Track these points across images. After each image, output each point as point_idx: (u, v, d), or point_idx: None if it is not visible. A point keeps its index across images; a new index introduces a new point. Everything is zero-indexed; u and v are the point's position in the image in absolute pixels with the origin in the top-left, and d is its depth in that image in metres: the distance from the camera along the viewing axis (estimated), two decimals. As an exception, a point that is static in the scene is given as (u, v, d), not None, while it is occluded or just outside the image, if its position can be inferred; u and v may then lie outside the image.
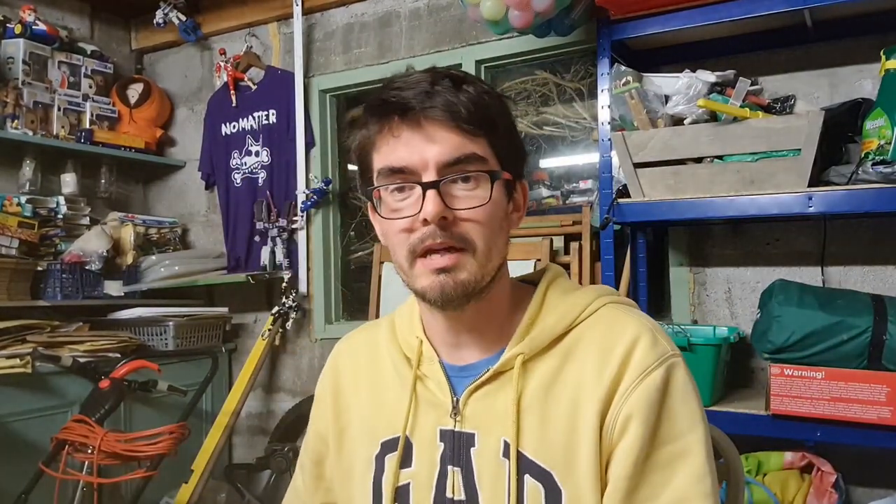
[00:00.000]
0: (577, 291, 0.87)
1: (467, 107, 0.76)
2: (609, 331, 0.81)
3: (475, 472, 0.81)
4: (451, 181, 0.77)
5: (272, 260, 2.88)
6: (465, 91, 0.77)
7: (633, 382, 0.77)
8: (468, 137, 0.77)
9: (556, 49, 2.40)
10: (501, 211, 0.81)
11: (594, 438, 0.76)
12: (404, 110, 0.77)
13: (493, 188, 0.78)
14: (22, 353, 2.30)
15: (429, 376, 0.86)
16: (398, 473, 0.84)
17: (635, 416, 0.76)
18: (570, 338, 0.82)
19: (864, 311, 1.63)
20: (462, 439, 0.82)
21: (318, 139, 2.89)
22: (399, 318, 0.94)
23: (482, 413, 0.82)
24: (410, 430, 0.85)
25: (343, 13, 2.86)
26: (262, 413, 3.01)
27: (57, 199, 2.79)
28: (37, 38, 2.77)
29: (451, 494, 0.82)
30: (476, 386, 0.82)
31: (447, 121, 0.76)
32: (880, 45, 1.69)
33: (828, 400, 1.62)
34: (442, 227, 0.76)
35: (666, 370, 0.78)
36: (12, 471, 2.19)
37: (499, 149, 0.80)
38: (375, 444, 0.88)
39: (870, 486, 1.88)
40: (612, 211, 1.86)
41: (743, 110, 1.69)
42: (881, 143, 1.59)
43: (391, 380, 0.90)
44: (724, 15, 1.77)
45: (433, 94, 0.76)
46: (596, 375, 0.78)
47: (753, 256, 2.10)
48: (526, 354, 0.81)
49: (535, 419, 0.79)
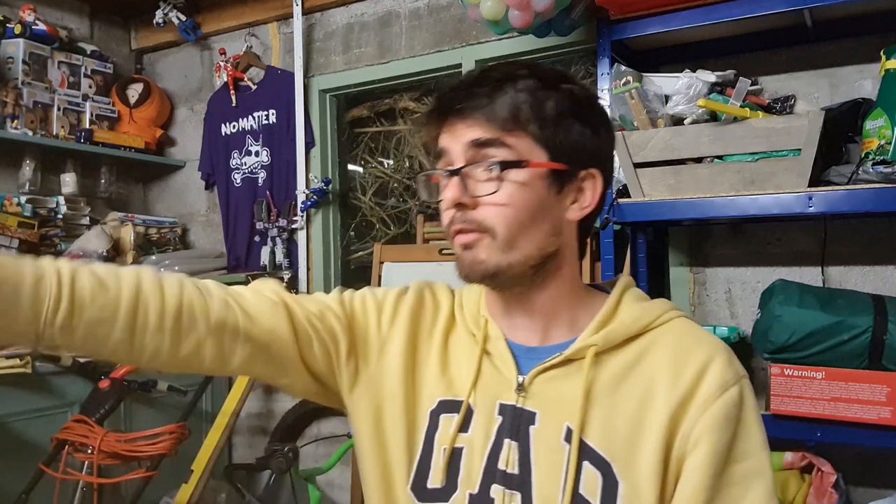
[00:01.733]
0: (651, 301, 0.90)
1: (499, 107, 0.81)
2: (685, 341, 0.84)
3: (532, 449, 0.82)
4: (474, 168, 0.82)
5: (272, 260, 2.88)
6: (504, 91, 0.81)
7: (712, 396, 0.79)
8: (496, 132, 0.81)
9: (556, 49, 2.40)
10: (536, 201, 0.82)
11: (661, 439, 0.79)
12: (445, 112, 0.84)
13: (512, 175, 0.81)
14: (22, 353, 2.30)
15: (494, 353, 0.88)
16: (456, 435, 0.86)
17: (713, 430, 0.78)
18: (643, 340, 0.85)
19: (865, 311, 1.63)
20: (523, 416, 0.84)
21: (318, 139, 2.89)
22: (466, 295, 0.96)
23: (548, 395, 0.84)
24: (474, 397, 0.87)
25: (343, 13, 2.86)
26: (262, 413, 3.01)
27: (57, 199, 2.79)
28: (37, 38, 2.77)
29: (504, 466, 0.83)
30: (545, 367, 0.85)
31: (475, 120, 0.81)
32: (880, 45, 1.69)
33: (828, 400, 1.62)
34: (460, 212, 0.82)
35: (741, 389, 0.81)
36: (12, 471, 2.19)
37: (544, 141, 0.82)
38: (433, 400, 0.89)
39: (870, 486, 1.88)
40: (612, 211, 1.86)
41: (743, 110, 1.69)
42: (881, 143, 1.59)
43: (460, 347, 0.92)
44: (724, 15, 1.77)
45: (469, 95, 0.82)
46: (670, 381, 0.81)
47: (754, 256, 2.10)
48: (599, 347, 0.83)
49: (600, 410, 0.81)
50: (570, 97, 0.84)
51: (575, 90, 0.85)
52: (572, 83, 0.86)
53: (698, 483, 0.77)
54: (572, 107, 0.84)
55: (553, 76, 0.85)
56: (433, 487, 0.85)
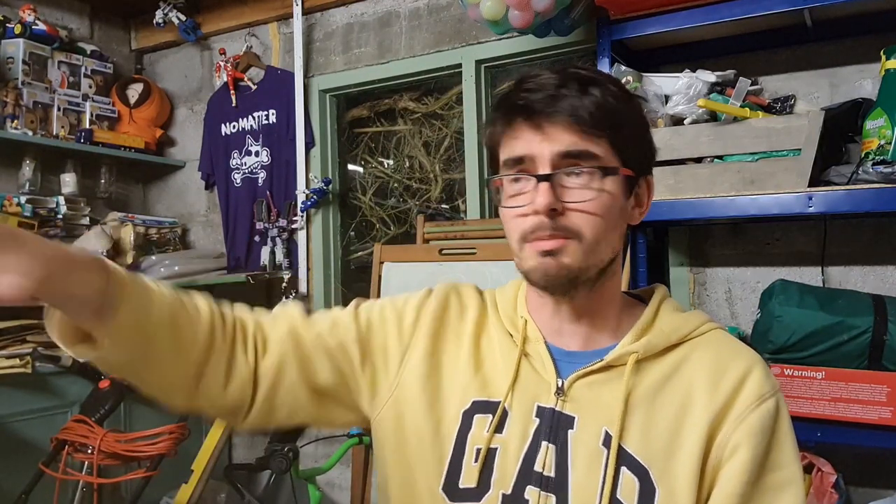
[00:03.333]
0: (688, 312, 0.92)
1: (589, 110, 0.80)
2: (723, 352, 0.86)
3: (570, 453, 0.82)
4: (564, 174, 0.81)
5: (272, 260, 2.88)
6: (591, 94, 0.81)
7: (750, 406, 0.81)
8: (586, 137, 0.81)
9: (556, 49, 2.40)
10: (616, 206, 0.83)
11: (698, 447, 0.80)
12: (529, 113, 0.82)
13: (607, 183, 0.81)
14: (22, 353, 2.30)
15: (532, 355, 0.88)
16: (491, 436, 0.85)
17: (750, 439, 0.80)
18: (682, 349, 0.86)
19: (865, 311, 1.63)
20: (561, 419, 0.84)
21: (317, 139, 2.89)
22: (501, 297, 0.96)
23: (587, 400, 0.84)
24: (510, 399, 0.86)
25: (343, 13, 2.86)
26: (262, 413, 3.01)
27: (57, 199, 2.79)
28: (37, 38, 2.77)
29: (541, 469, 0.82)
30: (585, 372, 0.85)
31: (568, 124, 0.80)
32: (880, 44, 1.69)
33: (828, 400, 1.62)
34: (551, 218, 0.80)
35: (777, 401, 0.83)
36: (12, 471, 2.19)
37: (621, 147, 0.83)
38: (467, 400, 0.88)
39: (870, 486, 1.88)
40: (612, 211, 1.86)
41: (743, 110, 1.69)
42: (881, 142, 1.59)
43: (495, 348, 0.91)
44: (724, 15, 1.77)
45: (558, 97, 0.81)
46: (709, 390, 0.82)
47: (753, 256, 2.10)
48: (640, 354, 0.85)
49: (640, 417, 0.82)
50: (638, 108, 0.88)
51: (641, 104, 0.90)
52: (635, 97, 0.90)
53: (732, 489, 0.79)
54: (641, 115, 0.88)
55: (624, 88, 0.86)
56: (466, 487, 0.85)
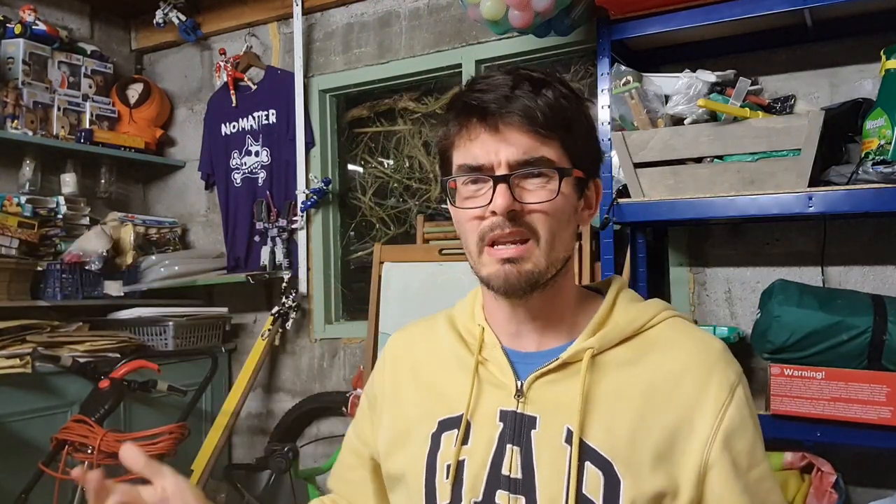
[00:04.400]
0: (644, 302, 0.92)
1: (543, 111, 0.80)
2: (683, 340, 0.86)
3: (534, 453, 0.83)
4: (521, 176, 0.81)
5: (272, 260, 2.88)
6: (544, 95, 0.81)
7: (726, 399, 0.82)
8: (541, 140, 0.81)
9: (556, 49, 2.40)
10: (570, 207, 0.85)
11: (663, 439, 0.80)
12: (483, 114, 0.81)
13: (562, 184, 0.82)
14: (22, 353, 2.30)
15: (490, 360, 0.89)
16: (459, 450, 0.86)
17: (738, 430, 0.81)
18: (640, 340, 0.87)
19: (864, 311, 1.63)
20: (524, 421, 0.84)
21: (317, 139, 2.89)
22: (458, 311, 0.98)
23: (547, 399, 0.84)
24: (471, 410, 0.87)
25: (343, 13, 2.86)
26: (262, 413, 3.01)
27: (57, 199, 2.79)
28: (37, 38, 2.77)
29: (508, 472, 0.83)
30: (543, 372, 0.85)
31: (523, 125, 0.80)
32: (880, 44, 1.69)
33: (828, 400, 1.62)
34: (510, 219, 0.81)
35: (743, 386, 0.84)
36: (12, 471, 2.19)
37: (572, 149, 0.83)
38: (432, 423, 0.90)
39: (870, 486, 1.88)
40: (612, 211, 1.86)
41: (743, 110, 1.69)
42: (881, 142, 1.59)
43: (450, 365, 0.93)
44: (724, 15, 1.77)
45: (512, 98, 0.81)
46: (672, 381, 0.83)
47: (753, 256, 2.10)
48: (595, 349, 0.85)
49: (600, 411, 0.82)
50: (585, 108, 0.87)
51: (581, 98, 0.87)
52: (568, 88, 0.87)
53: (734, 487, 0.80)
54: (589, 117, 0.88)
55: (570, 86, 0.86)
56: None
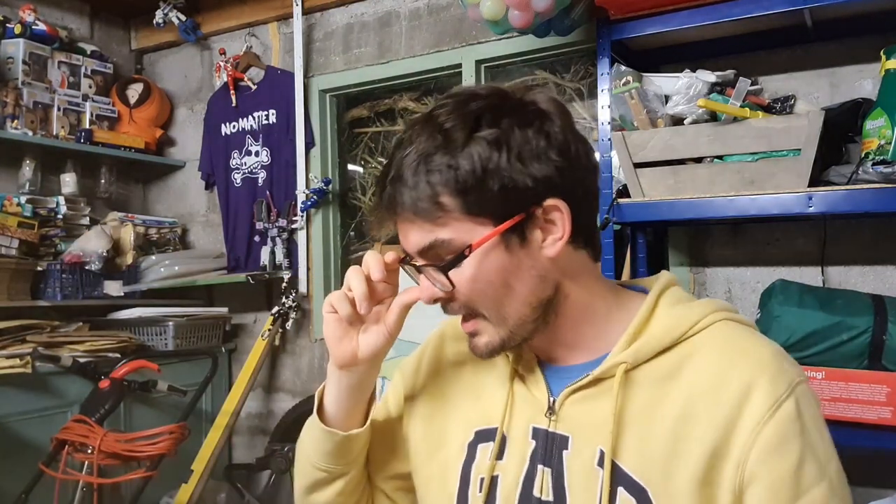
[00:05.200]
0: (691, 303, 0.83)
1: (427, 196, 0.74)
2: (727, 350, 0.77)
3: (566, 475, 0.79)
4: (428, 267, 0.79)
5: (272, 260, 2.88)
6: (423, 174, 0.74)
7: (764, 417, 0.72)
8: (429, 227, 0.77)
9: (556, 49, 2.40)
10: (502, 268, 0.77)
11: (701, 463, 0.72)
12: (380, 210, 0.80)
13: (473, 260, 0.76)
14: (22, 353, 2.30)
15: (526, 374, 0.86)
16: (494, 464, 0.84)
17: (770, 457, 0.71)
18: (679, 351, 0.78)
19: (864, 311, 1.63)
20: (555, 440, 0.81)
21: (317, 139, 2.89)
22: None
23: (579, 417, 0.80)
24: (507, 424, 0.85)
25: (343, 13, 2.86)
26: (262, 413, 3.01)
27: (57, 199, 2.79)
28: (37, 38, 2.77)
29: (539, 494, 0.80)
30: (574, 389, 0.80)
31: (411, 220, 0.77)
32: (880, 44, 1.69)
33: (828, 400, 1.62)
34: (444, 305, 0.81)
35: (796, 400, 0.73)
36: (12, 471, 2.19)
37: (480, 207, 0.75)
38: (469, 432, 0.88)
39: (870, 486, 1.88)
40: (612, 211, 1.86)
41: (743, 110, 1.69)
42: (881, 142, 1.59)
43: (489, 370, 0.90)
44: (724, 15, 1.77)
45: (397, 189, 0.77)
46: (711, 398, 0.74)
47: (753, 256, 2.10)
48: (629, 364, 0.78)
49: (634, 432, 0.76)
50: (489, 143, 0.74)
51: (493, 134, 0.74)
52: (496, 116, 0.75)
53: None
54: (495, 151, 0.73)
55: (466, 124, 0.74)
56: None
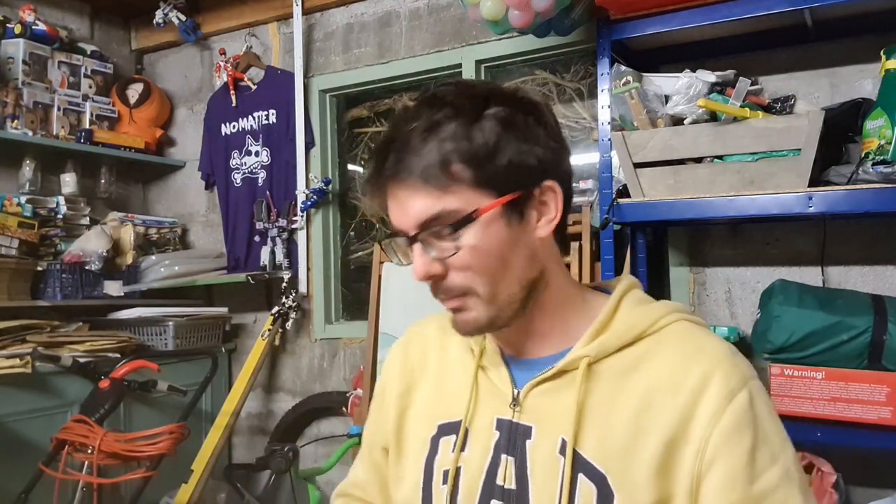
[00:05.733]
0: (651, 304, 0.87)
1: (434, 163, 0.76)
2: (685, 347, 0.81)
3: (528, 463, 0.82)
4: (428, 234, 0.78)
5: (272, 260, 2.88)
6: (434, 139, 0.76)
7: (720, 407, 0.76)
8: (435, 195, 0.77)
9: (556, 49, 2.40)
10: (504, 239, 0.79)
11: (659, 450, 0.76)
12: (379, 180, 0.80)
13: (475, 229, 0.77)
14: (22, 353, 2.30)
15: (490, 367, 0.88)
16: (458, 457, 0.86)
17: (727, 444, 0.75)
18: (640, 347, 0.82)
19: (864, 311, 1.63)
20: (519, 430, 0.83)
21: (317, 139, 2.89)
22: None
23: (542, 408, 0.83)
24: (471, 417, 0.87)
25: (343, 13, 2.86)
26: (262, 413, 3.01)
27: (57, 199, 2.79)
28: (37, 38, 2.77)
29: (502, 482, 0.83)
30: (538, 381, 0.84)
31: (414, 186, 0.77)
32: (880, 44, 1.69)
33: (828, 400, 1.62)
34: (435, 283, 0.81)
35: (749, 392, 0.77)
36: (12, 471, 2.19)
37: (487, 178, 0.77)
38: (433, 426, 0.90)
39: (870, 486, 1.88)
40: (612, 211, 1.86)
41: (743, 110, 1.69)
42: (881, 143, 1.59)
43: (456, 368, 0.92)
44: (724, 15, 1.77)
45: (402, 156, 0.77)
46: (670, 391, 0.78)
47: (753, 257, 2.10)
48: (592, 357, 0.81)
49: (595, 421, 0.79)
50: (498, 121, 0.78)
51: (501, 112, 0.78)
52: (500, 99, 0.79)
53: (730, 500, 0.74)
54: (505, 129, 0.77)
55: (475, 102, 0.78)
56: None
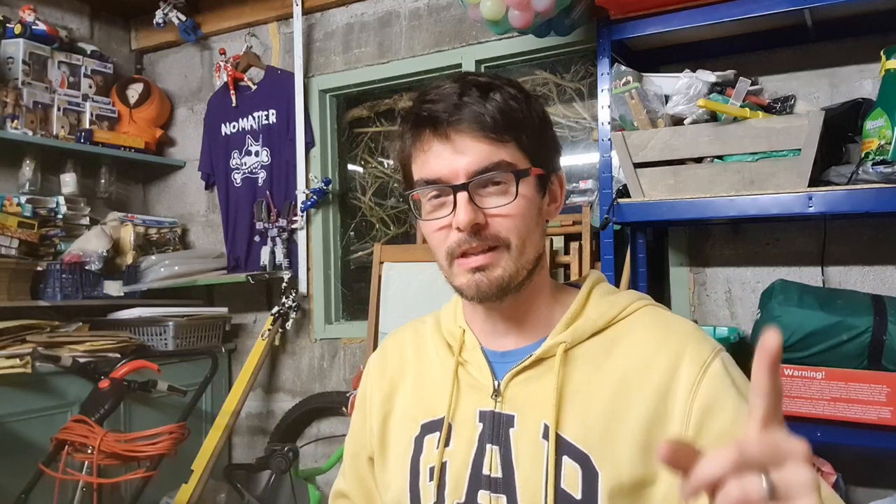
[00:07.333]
0: (619, 293, 0.92)
1: (493, 115, 0.80)
2: (654, 329, 0.85)
3: (513, 451, 0.84)
4: (479, 184, 0.81)
5: (272, 260, 2.88)
6: (493, 99, 0.81)
7: (697, 376, 0.80)
8: (495, 145, 0.81)
9: (556, 49, 2.40)
10: (534, 206, 0.85)
11: (641, 427, 0.79)
12: (435, 124, 0.81)
13: (522, 186, 0.82)
14: (22, 353, 2.30)
15: (470, 362, 0.90)
16: (443, 452, 0.87)
17: (715, 405, 0.78)
18: (612, 331, 0.87)
19: (864, 311, 1.63)
20: (502, 420, 0.85)
21: (317, 139, 2.89)
22: (444, 313, 0.99)
23: (523, 396, 0.85)
24: (452, 412, 0.88)
25: (343, 13, 2.86)
26: (262, 413, 3.01)
27: (57, 199, 2.79)
28: (37, 38, 2.77)
29: (489, 472, 0.84)
30: (518, 370, 0.86)
31: (474, 131, 0.80)
32: (880, 44, 1.69)
33: (828, 400, 1.62)
34: (475, 233, 0.81)
35: (721, 360, 0.82)
36: (12, 471, 2.19)
37: (528, 148, 0.83)
38: (416, 427, 0.92)
39: (870, 486, 1.88)
40: (612, 211, 1.86)
41: (743, 110, 1.69)
42: (881, 143, 1.59)
43: (435, 368, 0.94)
44: (724, 15, 1.77)
45: (461, 105, 0.81)
46: (645, 369, 0.82)
47: (753, 256, 2.10)
48: (568, 343, 0.85)
49: (575, 404, 0.82)
50: (540, 105, 0.87)
51: (531, 95, 0.87)
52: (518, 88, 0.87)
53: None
54: (543, 114, 0.87)
55: (520, 85, 0.87)
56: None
